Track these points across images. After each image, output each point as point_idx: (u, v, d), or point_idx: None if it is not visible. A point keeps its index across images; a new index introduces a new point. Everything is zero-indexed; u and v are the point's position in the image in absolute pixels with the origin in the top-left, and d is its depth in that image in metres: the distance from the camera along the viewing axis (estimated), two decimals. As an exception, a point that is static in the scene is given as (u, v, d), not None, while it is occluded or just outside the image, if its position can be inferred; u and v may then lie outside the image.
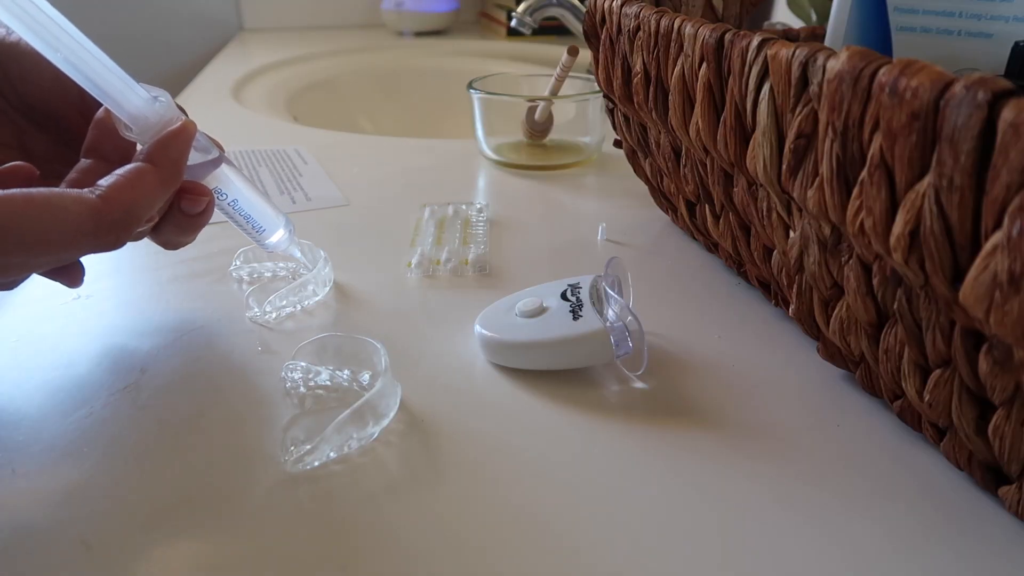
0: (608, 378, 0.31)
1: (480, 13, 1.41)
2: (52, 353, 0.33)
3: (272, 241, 0.35)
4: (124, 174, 0.26)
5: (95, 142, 0.29)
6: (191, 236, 0.32)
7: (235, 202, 0.33)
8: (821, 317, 0.29)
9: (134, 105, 0.28)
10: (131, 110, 0.28)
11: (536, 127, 0.58)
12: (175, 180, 0.28)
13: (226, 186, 0.32)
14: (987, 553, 0.23)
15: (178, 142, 0.28)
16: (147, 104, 0.28)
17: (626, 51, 0.37)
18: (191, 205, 0.30)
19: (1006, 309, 0.18)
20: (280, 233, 0.35)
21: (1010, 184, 0.17)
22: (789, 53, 0.24)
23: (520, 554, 0.23)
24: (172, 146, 0.28)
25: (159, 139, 0.28)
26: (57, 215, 0.24)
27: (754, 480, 0.26)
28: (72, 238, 0.24)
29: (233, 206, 0.33)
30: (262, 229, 0.34)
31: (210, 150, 0.31)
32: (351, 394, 0.30)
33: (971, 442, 0.24)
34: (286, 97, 0.89)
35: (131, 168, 0.27)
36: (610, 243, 0.44)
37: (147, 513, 0.24)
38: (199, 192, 0.30)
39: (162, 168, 0.27)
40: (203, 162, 0.31)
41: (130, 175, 0.26)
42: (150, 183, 0.27)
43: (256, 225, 0.34)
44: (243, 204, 0.33)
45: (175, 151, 0.28)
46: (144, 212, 0.27)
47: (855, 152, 0.22)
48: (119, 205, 0.25)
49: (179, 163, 0.28)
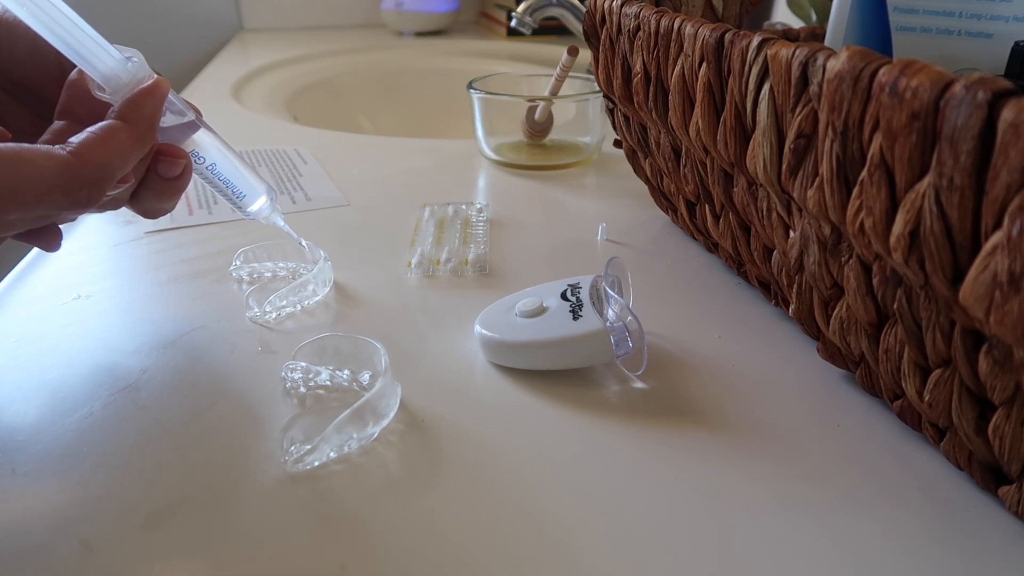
0: (608, 378, 0.31)
1: (480, 13, 1.41)
2: (52, 353, 0.33)
3: (254, 209, 0.35)
4: (96, 131, 0.26)
5: (68, 104, 0.29)
6: (170, 202, 0.31)
7: (213, 166, 0.32)
8: (821, 317, 0.29)
9: (106, 65, 0.27)
10: (103, 70, 0.27)
11: (536, 127, 0.58)
12: (148, 138, 0.28)
13: (204, 150, 0.32)
14: (987, 553, 0.23)
15: (151, 99, 0.28)
16: (119, 64, 0.28)
17: (626, 51, 0.37)
18: (168, 168, 0.29)
19: (1006, 309, 0.18)
20: (262, 200, 0.35)
21: (1010, 184, 0.17)
22: (789, 53, 0.24)
23: (520, 554, 0.23)
24: (144, 103, 0.27)
25: (131, 96, 0.27)
26: (26, 169, 0.23)
27: (754, 480, 0.26)
28: (43, 192, 0.24)
29: (211, 170, 0.32)
30: (242, 195, 0.34)
31: (186, 113, 0.31)
32: (351, 394, 0.30)
33: (971, 442, 0.24)
34: (286, 97, 0.89)
35: (103, 125, 0.26)
36: (610, 243, 0.44)
37: (147, 513, 0.24)
38: (176, 155, 0.30)
39: (134, 125, 0.27)
40: (179, 124, 0.31)
41: (102, 132, 0.26)
42: (123, 140, 0.26)
43: (236, 191, 0.34)
44: (222, 168, 0.33)
45: (148, 108, 0.28)
46: (117, 169, 0.26)
47: (855, 152, 0.22)
48: (91, 161, 0.25)
49: (152, 120, 0.28)
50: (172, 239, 0.44)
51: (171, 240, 0.44)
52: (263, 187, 0.35)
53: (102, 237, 0.44)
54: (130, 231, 0.45)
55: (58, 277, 0.39)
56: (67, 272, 0.40)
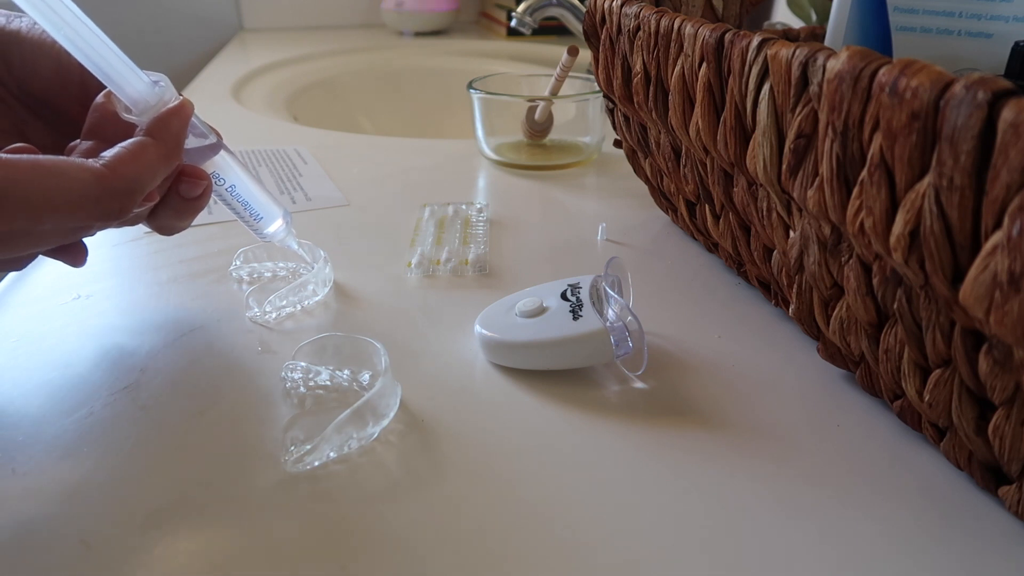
0: (608, 378, 0.31)
1: (480, 13, 1.41)
2: (52, 353, 0.33)
3: (270, 231, 0.35)
4: (127, 146, 0.27)
5: (95, 125, 0.29)
6: (187, 221, 0.32)
7: (232, 187, 0.33)
8: (821, 317, 0.29)
9: (135, 88, 0.28)
10: (132, 92, 0.28)
11: (536, 127, 0.58)
12: (175, 155, 0.29)
13: (224, 172, 0.33)
14: (987, 553, 0.23)
15: (177, 118, 0.29)
16: (148, 88, 0.29)
17: (626, 51, 0.37)
18: (189, 188, 0.30)
19: (1006, 309, 0.18)
20: (278, 223, 0.35)
21: (1010, 184, 0.17)
22: (789, 53, 0.24)
23: (520, 554, 0.23)
24: (172, 122, 0.28)
25: (159, 115, 0.28)
26: (62, 180, 0.24)
27: (754, 480, 0.26)
28: (77, 203, 0.25)
29: (231, 192, 0.33)
30: (260, 217, 0.35)
31: (208, 135, 0.32)
32: (351, 394, 0.30)
33: (971, 442, 0.24)
34: (286, 97, 0.89)
35: (133, 141, 0.27)
36: (610, 243, 0.44)
37: (147, 513, 0.24)
38: (197, 176, 0.30)
39: (163, 142, 0.28)
40: (201, 147, 0.32)
41: (133, 147, 0.27)
42: (153, 155, 0.27)
43: (254, 213, 0.34)
44: (241, 191, 0.33)
45: (175, 126, 0.28)
46: (147, 184, 0.27)
47: (855, 152, 0.22)
48: (122, 174, 0.26)
49: (179, 138, 0.29)
50: (172, 239, 0.44)
51: (171, 240, 0.44)
52: (279, 211, 0.35)
53: (102, 237, 0.44)
54: (130, 231, 0.45)
55: (58, 277, 0.39)
56: (67, 272, 0.40)
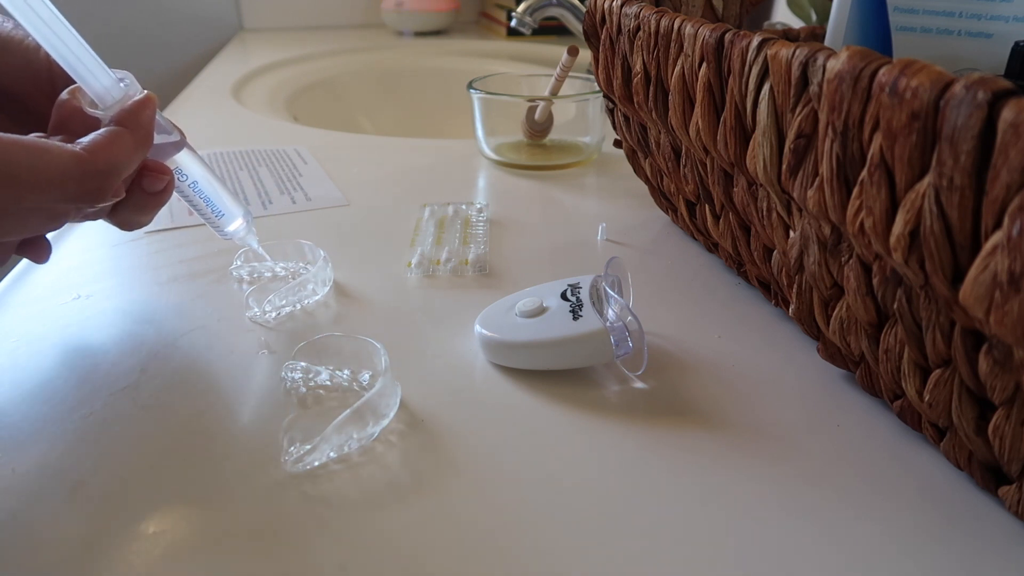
0: (608, 378, 0.31)
1: (480, 13, 1.41)
2: (52, 353, 0.33)
3: (230, 229, 0.36)
4: (102, 133, 0.28)
5: (61, 121, 0.30)
6: (148, 216, 0.33)
7: (195, 184, 0.34)
8: (821, 317, 0.29)
9: (101, 83, 0.29)
10: (98, 88, 0.29)
11: (536, 127, 0.58)
12: (146, 145, 0.29)
13: (187, 168, 0.33)
14: (987, 553, 0.23)
15: (146, 109, 0.29)
16: (114, 83, 0.29)
17: (626, 51, 0.37)
18: (152, 182, 0.31)
19: (1006, 309, 0.18)
20: (239, 222, 0.36)
21: (1010, 184, 0.17)
22: (789, 53, 0.24)
23: (520, 554, 0.23)
24: (141, 112, 0.29)
25: (129, 106, 0.29)
26: (46, 156, 0.25)
27: (754, 480, 0.26)
28: (59, 181, 0.26)
29: (193, 188, 0.34)
30: (221, 214, 0.35)
31: (171, 132, 0.32)
32: (351, 394, 0.30)
33: (971, 442, 0.24)
34: (286, 97, 0.89)
35: (108, 129, 0.28)
36: (610, 243, 0.44)
37: (147, 513, 0.24)
38: (160, 171, 0.31)
39: (134, 131, 0.29)
40: (165, 143, 0.32)
41: (108, 134, 0.28)
42: (127, 143, 0.28)
43: (215, 210, 0.35)
44: (203, 187, 0.34)
45: (144, 117, 0.29)
46: (123, 169, 0.28)
47: (855, 152, 0.22)
48: (101, 157, 0.27)
49: (149, 128, 0.29)
50: (172, 239, 0.44)
51: (171, 240, 0.44)
52: (240, 210, 0.36)
53: (102, 237, 0.44)
54: (131, 232, 0.45)
55: (58, 277, 0.39)
56: (67, 272, 0.40)
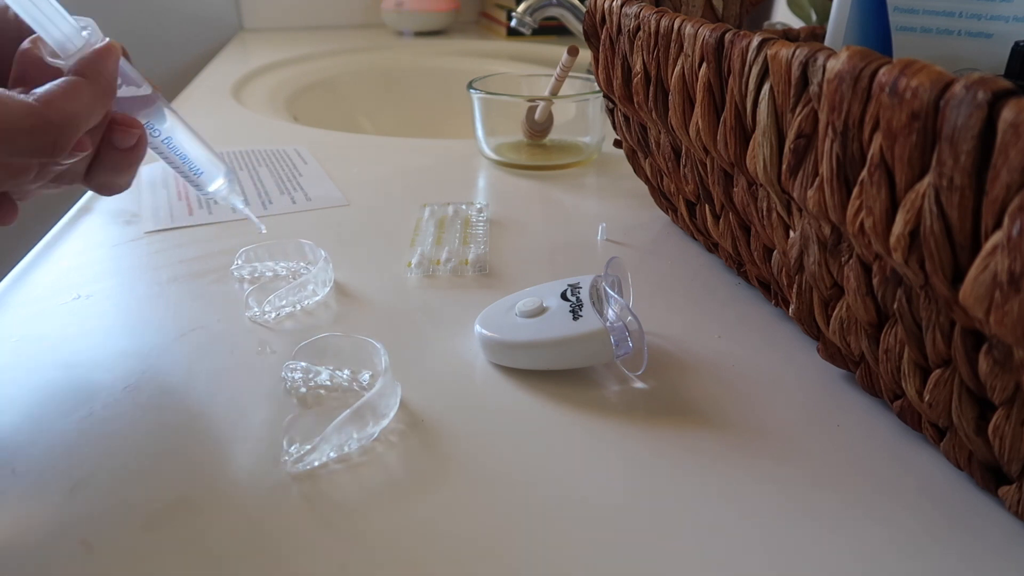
0: (608, 378, 0.31)
1: (480, 13, 1.41)
2: (52, 353, 0.33)
3: (212, 189, 0.35)
4: (60, 83, 0.26)
5: (21, 73, 0.29)
6: (125, 176, 0.31)
7: (169, 140, 0.32)
8: (821, 317, 0.29)
9: (61, 32, 0.27)
10: (58, 35, 0.27)
11: (536, 127, 0.58)
12: (108, 96, 0.28)
13: (159, 122, 0.32)
14: (987, 553, 0.23)
15: (108, 58, 0.28)
16: (74, 31, 0.28)
17: (626, 51, 0.37)
18: (123, 138, 0.29)
19: (1006, 309, 0.18)
20: (220, 181, 0.34)
21: (1010, 184, 0.17)
22: (789, 53, 0.24)
23: (520, 554, 0.23)
24: (102, 61, 0.28)
25: (89, 54, 0.28)
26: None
27: (754, 480, 0.26)
28: (8, 131, 0.24)
29: (167, 144, 0.32)
30: (199, 172, 0.34)
31: (141, 84, 0.31)
32: (351, 394, 0.30)
33: (971, 442, 0.24)
34: (286, 97, 0.89)
35: (65, 79, 0.27)
36: (610, 243, 0.44)
37: (147, 513, 0.24)
38: (129, 124, 0.29)
39: (95, 80, 0.27)
40: (134, 96, 0.31)
41: (65, 84, 0.26)
42: (86, 93, 0.27)
43: (193, 168, 0.33)
44: (179, 143, 0.32)
45: (106, 66, 0.28)
46: (81, 121, 0.26)
47: (855, 152, 0.22)
48: (56, 107, 0.25)
49: (111, 78, 0.28)
50: (172, 239, 0.44)
51: (171, 240, 0.44)
52: (223, 167, 0.34)
53: (102, 237, 0.44)
54: (130, 231, 0.45)
55: (58, 277, 0.39)
56: (67, 272, 0.40)
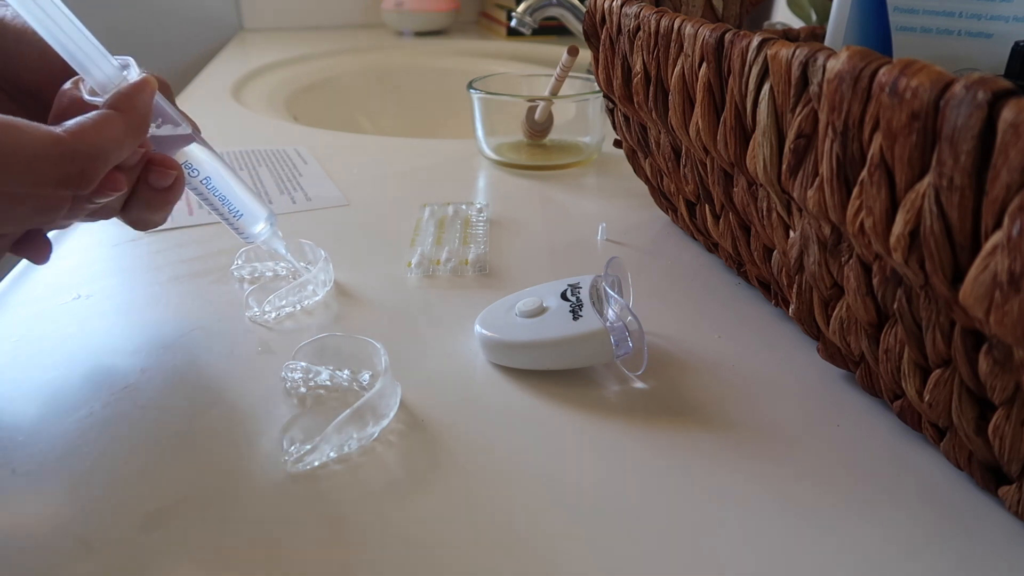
0: (608, 378, 0.31)
1: (480, 13, 1.41)
2: (52, 353, 0.33)
3: (253, 231, 0.34)
4: (90, 116, 0.26)
5: (61, 110, 0.29)
6: (161, 214, 0.31)
7: (208, 180, 0.32)
8: (821, 317, 0.29)
9: (103, 72, 0.28)
10: (99, 76, 0.28)
11: (536, 127, 0.58)
12: (140, 130, 0.28)
13: (198, 163, 0.31)
14: (987, 553, 0.23)
15: (142, 93, 0.28)
16: (115, 71, 0.28)
17: (626, 51, 0.37)
18: (159, 178, 0.29)
19: (1006, 309, 0.18)
20: (262, 225, 0.34)
21: (1010, 184, 0.17)
22: (789, 53, 0.24)
23: (520, 553, 0.23)
24: (136, 95, 0.28)
25: (122, 89, 0.28)
26: (15, 134, 0.24)
27: (754, 480, 0.26)
28: (32, 160, 0.24)
29: (206, 184, 0.32)
30: (240, 215, 0.33)
31: (180, 124, 0.31)
32: (351, 394, 0.30)
33: (971, 442, 0.24)
34: (286, 97, 0.89)
35: (96, 112, 0.27)
36: (610, 243, 0.44)
37: (147, 513, 0.24)
38: (167, 165, 0.29)
39: (127, 114, 0.27)
40: (172, 135, 0.31)
41: (96, 117, 0.26)
42: (117, 126, 0.26)
43: (233, 209, 0.33)
44: (217, 184, 0.32)
45: (139, 100, 0.28)
46: (110, 155, 0.26)
47: (855, 152, 0.22)
48: (84, 140, 0.25)
49: (143, 113, 0.28)
50: (172, 239, 0.44)
51: (171, 240, 0.44)
52: (264, 211, 0.34)
53: (102, 237, 0.44)
54: (130, 231, 0.45)
55: (58, 277, 0.39)
56: (67, 272, 0.40)
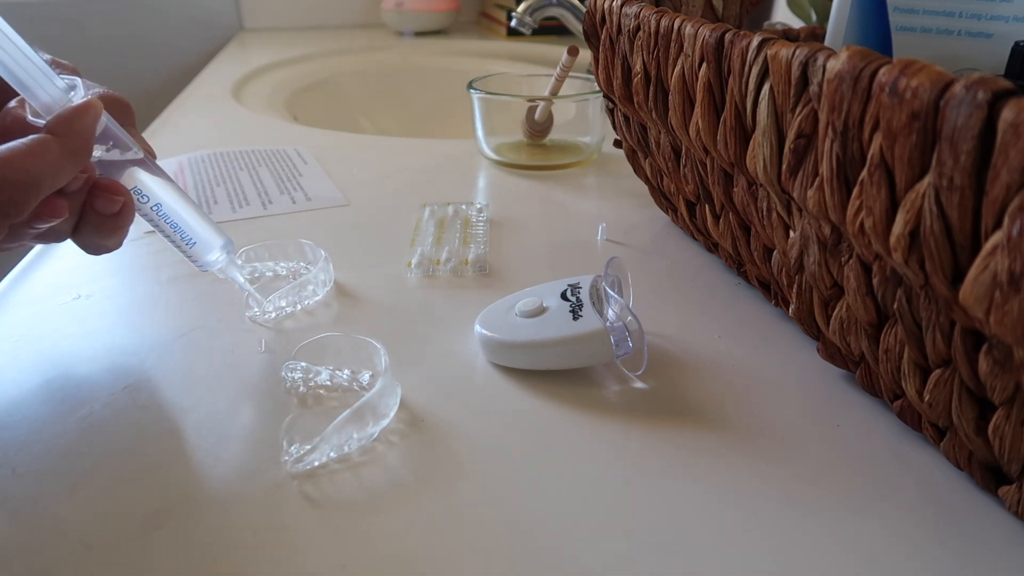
0: (608, 378, 0.31)
1: (480, 13, 1.41)
2: (52, 353, 0.33)
3: (208, 259, 0.32)
4: (24, 140, 0.25)
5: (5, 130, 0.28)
6: (112, 239, 0.30)
7: (158, 207, 0.31)
8: (821, 317, 0.29)
9: (47, 93, 0.27)
10: (44, 98, 0.27)
11: (536, 127, 0.58)
12: (80, 156, 0.27)
13: (148, 189, 0.30)
14: (987, 553, 0.23)
15: (83, 117, 0.27)
16: (60, 94, 0.27)
17: (626, 51, 0.37)
18: (105, 204, 0.28)
19: (1006, 309, 0.18)
20: (217, 253, 0.32)
21: (1010, 184, 0.17)
22: (789, 53, 0.24)
23: (520, 553, 0.23)
24: (76, 119, 0.27)
25: (62, 112, 0.27)
26: None
27: (754, 479, 0.26)
28: None
29: (156, 211, 0.31)
30: (191, 242, 0.31)
31: (132, 148, 0.30)
32: (351, 394, 0.30)
33: (971, 442, 0.24)
34: (286, 97, 0.89)
35: (30, 137, 0.26)
36: (610, 243, 0.44)
37: (147, 513, 0.24)
38: (114, 191, 0.28)
39: (65, 139, 0.26)
40: (118, 160, 0.29)
41: (30, 142, 0.25)
42: (52, 151, 0.26)
43: (185, 237, 0.31)
44: (168, 211, 0.31)
45: (79, 123, 0.27)
46: (44, 181, 0.25)
47: (855, 152, 0.22)
48: (14, 166, 0.24)
49: (85, 136, 0.27)
50: (172, 239, 0.44)
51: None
52: (220, 239, 0.32)
53: (102, 237, 0.44)
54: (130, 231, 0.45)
55: (58, 277, 0.39)
56: (67, 272, 0.40)
